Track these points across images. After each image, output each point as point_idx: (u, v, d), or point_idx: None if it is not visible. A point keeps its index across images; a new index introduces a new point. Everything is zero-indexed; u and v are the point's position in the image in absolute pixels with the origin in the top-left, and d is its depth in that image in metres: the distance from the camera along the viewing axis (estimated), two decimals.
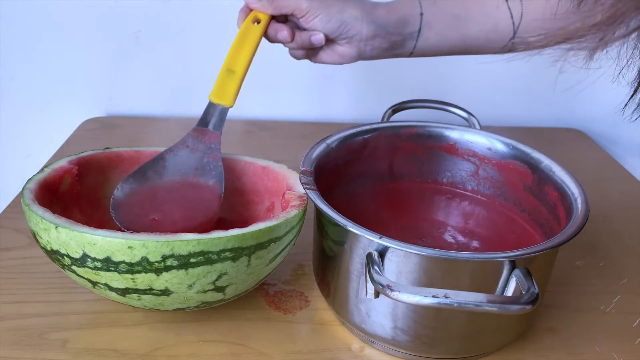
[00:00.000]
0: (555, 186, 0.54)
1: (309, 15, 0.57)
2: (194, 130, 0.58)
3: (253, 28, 0.58)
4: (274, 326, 0.53)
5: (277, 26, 0.59)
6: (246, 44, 0.58)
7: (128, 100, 0.95)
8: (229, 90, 0.57)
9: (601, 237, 0.68)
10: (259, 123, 0.94)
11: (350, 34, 0.58)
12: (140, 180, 0.56)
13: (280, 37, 0.59)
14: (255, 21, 0.58)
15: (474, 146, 0.61)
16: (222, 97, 0.57)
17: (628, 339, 0.53)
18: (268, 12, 0.58)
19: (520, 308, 0.40)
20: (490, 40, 0.60)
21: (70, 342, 0.50)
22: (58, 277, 0.57)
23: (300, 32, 0.59)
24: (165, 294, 0.47)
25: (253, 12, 0.59)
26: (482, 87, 0.96)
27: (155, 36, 0.90)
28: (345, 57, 0.61)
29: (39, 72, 0.91)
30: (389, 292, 0.41)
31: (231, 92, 0.57)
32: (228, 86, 0.57)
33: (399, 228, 0.59)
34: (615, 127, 0.99)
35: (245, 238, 0.46)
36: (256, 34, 0.58)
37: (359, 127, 0.61)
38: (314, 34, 0.58)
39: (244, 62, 0.58)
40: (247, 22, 0.58)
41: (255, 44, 0.58)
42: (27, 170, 0.70)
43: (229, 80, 0.57)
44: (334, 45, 0.60)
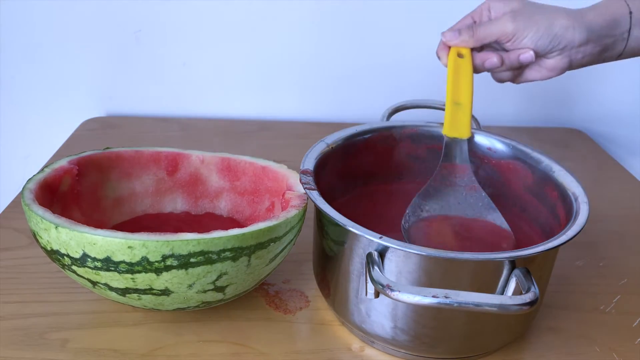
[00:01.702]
0: (555, 186, 0.54)
1: (516, 38, 0.55)
2: (441, 167, 0.57)
3: (461, 62, 0.57)
4: (274, 326, 0.53)
5: (483, 55, 0.57)
6: (461, 76, 0.57)
7: (128, 100, 0.95)
8: (462, 122, 0.57)
9: (601, 237, 0.68)
10: (259, 123, 0.94)
11: (562, 45, 0.56)
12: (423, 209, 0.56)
13: (489, 65, 0.57)
14: (458, 55, 0.57)
15: (474, 146, 0.61)
16: (457, 130, 0.57)
17: (628, 339, 0.53)
18: (470, 46, 0.57)
19: (520, 308, 0.40)
20: None
21: (70, 342, 0.50)
22: (58, 277, 0.57)
23: (507, 54, 0.57)
24: (165, 294, 0.47)
25: (454, 48, 0.57)
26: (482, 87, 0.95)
27: (155, 36, 0.90)
28: (555, 70, 0.58)
29: (39, 72, 0.91)
30: (389, 292, 0.41)
31: (465, 124, 0.57)
32: (459, 118, 0.57)
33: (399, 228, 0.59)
34: (615, 127, 0.99)
35: (245, 238, 0.46)
36: (467, 67, 0.57)
37: (359, 127, 0.61)
38: (522, 52, 0.56)
39: (467, 93, 0.57)
40: (452, 57, 0.57)
41: (470, 76, 0.57)
42: (27, 170, 0.70)
43: (458, 112, 0.57)
44: (542, 60, 0.58)
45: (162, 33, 0.90)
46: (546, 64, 0.58)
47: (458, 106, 0.57)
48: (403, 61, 0.92)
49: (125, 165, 0.60)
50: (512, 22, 0.55)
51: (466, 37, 0.57)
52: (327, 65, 0.93)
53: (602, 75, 0.95)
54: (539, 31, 0.55)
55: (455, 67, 0.57)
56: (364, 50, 0.92)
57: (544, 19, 0.55)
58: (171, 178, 0.61)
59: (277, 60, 0.93)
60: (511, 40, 0.56)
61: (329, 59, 0.93)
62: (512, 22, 0.55)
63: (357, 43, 0.91)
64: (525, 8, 0.56)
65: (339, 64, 0.93)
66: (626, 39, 0.57)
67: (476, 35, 0.56)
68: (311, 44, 0.92)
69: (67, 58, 0.91)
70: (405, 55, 0.92)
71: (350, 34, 0.91)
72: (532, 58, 0.57)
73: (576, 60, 0.58)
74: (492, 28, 0.56)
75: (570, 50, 0.57)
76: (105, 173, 0.59)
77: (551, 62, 0.58)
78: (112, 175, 0.59)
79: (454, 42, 0.57)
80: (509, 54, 0.57)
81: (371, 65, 0.93)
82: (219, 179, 0.62)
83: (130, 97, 0.95)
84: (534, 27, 0.55)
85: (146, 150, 0.60)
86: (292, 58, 0.93)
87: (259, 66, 0.93)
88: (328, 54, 0.92)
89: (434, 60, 0.70)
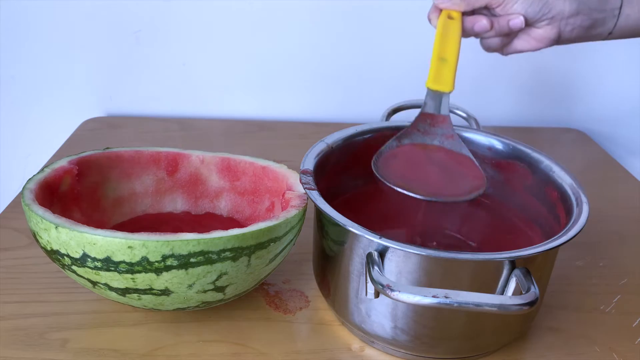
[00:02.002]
0: (555, 186, 0.54)
1: (507, 2, 0.55)
2: (421, 115, 0.57)
3: (451, 23, 0.57)
4: (274, 326, 0.53)
5: (472, 18, 0.57)
6: (450, 36, 0.56)
7: (128, 100, 0.95)
8: (446, 76, 0.56)
9: (601, 237, 0.68)
10: (259, 123, 0.94)
11: (552, 14, 0.55)
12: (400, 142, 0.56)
13: (478, 28, 0.57)
14: (448, 17, 0.57)
15: (474, 146, 0.61)
16: (440, 83, 0.56)
17: (628, 339, 0.53)
18: (461, 9, 0.57)
19: (520, 308, 0.40)
20: None
21: (70, 342, 0.50)
22: (58, 277, 0.57)
23: (497, 18, 0.57)
24: (165, 294, 0.47)
25: (445, 11, 0.57)
26: (482, 87, 0.96)
27: (155, 36, 0.90)
28: (544, 41, 0.58)
29: (39, 72, 0.91)
30: (389, 292, 0.41)
31: (449, 78, 0.56)
32: (443, 73, 0.56)
33: (399, 228, 0.59)
34: (615, 127, 0.99)
35: (245, 238, 0.46)
36: (456, 28, 0.56)
37: (359, 127, 0.61)
38: (512, 17, 0.56)
39: (454, 51, 0.56)
40: (442, 19, 0.57)
41: (458, 36, 0.56)
42: (27, 170, 0.70)
43: (443, 67, 0.56)
44: (531, 29, 0.58)
45: (162, 33, 0.90)
46: (535, 34, 0.58)
47: (443, 61, 0.56)
48: (403, 61, 0.92)
49: (125, 165, 0.60)
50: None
51: (457, 0, 0.56)
52: (327, 65, 0.93)
53: (602, 75, 0.95)
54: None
55: (444, 26, 0.57)
56: (364, 50, 0.92)
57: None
58: (171, 178, 0.61)
59: (277, 60, 0.93)
60: (501, 5, 0.56)
61: (329, 59, 0.93)
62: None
63: (357, 43, 0.91)
64: None
65: (339, 64, 0.93)
66: (617, 16, 0.57)
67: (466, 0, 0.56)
68: (311, 44, 0.92)
69: (67, 58, 0.91)
70: (405, 55, 0.92)
71: (351, 34, 0.91)
72: (522, 24, 0.56)
73: (565, 32, 0.57)
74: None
75: (560, 21, 0.56)
76: (105, 173, 0.59)
77: (540, 32, 0.58)
78: (112, 175, 0.59)
79: (445, 4, 0.57)
80: (499, 19, 0.57)
81: (371, 66, 0.93)
82: (219, 179, 0.62)
83: (130, 97, 0.95)
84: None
85: (146, 150, 0.60)
86: (292, 58, 0.93)
87: (259, 66, 0.93)
88: (328, 54, 0.92)
89: None
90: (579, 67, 0.94)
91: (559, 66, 0.95)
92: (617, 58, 0.94)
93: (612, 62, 0.94)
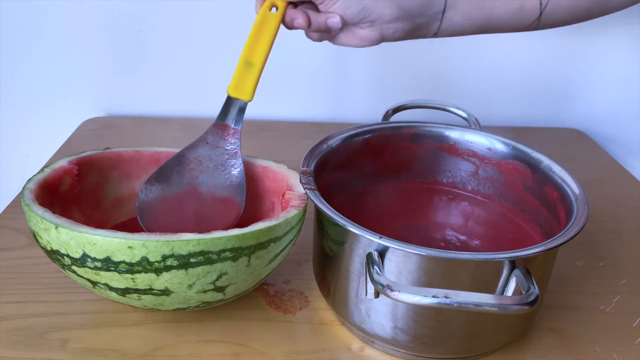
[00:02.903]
0: (555, 186, 0.54)
1: (328, 1, 0.56)
2: (214, 126, 0.57)
3: (271, 16, 0.56)
4: (274, 326, 0.53)
5: (292, 13, 0.57)
6: (264, 34, 0.56)
7: (128, 100, 0.95)
8: (248, 84, 0.56)
9: (601, 237, 0.68)
10: (259, 123, 0.94)
11: (372, 18, 0.56)
12: (162, 181, 0.55)
13: (297, 24, 0.57)
14: (272, 7, 0.56)
15: (474, 146, 0.61)
16: (240, 91, 0.56)
17: (628, 339, 0.53)
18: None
19: (520, 308, 0.40)
20: (515, 20, 0.59)
21: (70, 342, 0.50)
22: (58, 277, 0.57)
23: (316, 15, 0.57)
24: (165, 294, 0.47)
25: None
26: (482, 87, 0.96)
27: (155, 36, 0.90)
28: (366, 41, 0.59)
29: (38, 72, 0.91)
30: (389, 292, 0.41)
31: (250, 86, 0.56)
32: (246, 80, 0.56)
33: (398, 228, 0.59)
34: (615, 127, 0.99)
35: (245, 238, 0.46)
36: (274, 22, 0.56)
37: (359, 127, 0.61)
38: (330, 16, 0.56)
39: (262, 54, 0.56)
40: (264, 9, 0.56)
41: (273, 34, 0.56)
42: (27, 170, 0.70)
43: (248, 73, 0.56)
44: (355, 28, 0.58)
45: (162, 33, 0.90)
46: (358, 33, 0.58)
47: (249, 66, 0.56)
48: (403, 61, 0.92)
49: (125, 165, 0.60)
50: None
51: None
52: (327, 65, 0.93)
53: (602, 76, 0.95)
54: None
55: (262, 20, 0.56)
56: (364, 50, 0.92)
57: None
58: None
59: (277, 61, 0.93)
60: (323, 2, 0.56)
61: (329, 59, 0.93)
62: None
63: None
64: None
65: (339, 64, 0.93)
66: (440, 20, 0.58)
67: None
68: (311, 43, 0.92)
69: (67, 58, 0.91)
70: (405, 55, 0.92)
71: None
72: (338, 24, 0.57)
73: (388, 34, 0.58)
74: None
75: (381, 25, 0.57)
76: (105, 173, 0.59)
77: (363, 32, 0.58)
78: (112, 175, 0.59)
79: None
80: (318, 16, 0.57)
81: (371, 66, 0.93)
82: None
83: (130, 97, 0.95)
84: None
85: (146, 150, 0.60)
86: (292, 58, 0.92)
87: None
88: (328, 54, 0.92)
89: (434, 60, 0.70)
90: (579, 67, 0.94)
91: (559, 66, 0.95)
92: (617, 58, 0.94)
93: (612, 62, 0.94)
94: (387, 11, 0.56)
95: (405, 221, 0.60)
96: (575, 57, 0.93)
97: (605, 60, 0.94)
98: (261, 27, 0.56)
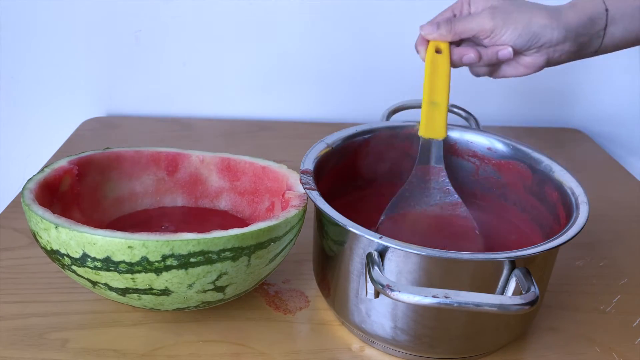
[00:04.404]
0: (555, 186, 0.54)
1: (495, 34, 0.56)
2: (417, 169, 0.58)
3: (439, 58, 0.57)
4: (274, 326, 0.53)
5: (460, 50, 0.57)
6: (438, 74, 0.57)
7: (128, 100, 0.95)
8: (438, 123, 0.57)
9: (601, 237, 0.68)
10: (259, 123, 0.94)
11: (540, 43, 0.56)
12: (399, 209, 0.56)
13: (467, 60, 0.57)
14: (436, 50, 0.57)
15: (474, 146, 0.61)
16: (433, 131, 0.57)
17: (628, 339, 0.53)
18: (448, 40, 0.57)
19: (520, 308, 0.40)
20: None
21: (70, 342, 0.50)
22: (58, 277, 0.57)
23: (485, 49, 0.57)
24: (165, 294, 0.47)
25: (432, 42, 0.57)
26: (482, 87, 0.96)
27: (155, 36, 0.90)
28: (532, 67, 0.59)
29: (38, 72, 0.91)
30: (389, 292, 0.41)
31: (441, 124, 0.57)
32: (436, 118, 0.57)
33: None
34: (615, 127, 0.99)
35: (245, 238, 0.46)
36: (444, 63, 0.57)
37: (359, 127, 0.61)
38: (501, 49, 0.56)
39: (444, 93, 0.57)
40: (429, 53, 0.57)
41: (447, 73, 0.57)
42: (27, 170, 0.70)
43: (435, 112, 0.57)
44: (520, 57, 0.58)
45: (162, 33, 0.90)
46: (524, 61, 0.58)
47: (434, 106, 0.57)
48: (403, 61, 0.92)
49: (125, 165, 0.60)
50: (491, 18, 0.55)
51: (444, 32, 0.56)
52: (327, 65, 0.93)
53: (602, 75, 0.95)
54: (517, 29, 0.55)
55: (432, 64, 0.57)
56: (364, 50, 0.92)
57: (523, 17, 0.55)
58: (171, 178, 0.61)
59: (277, 60, 0.93)
60: (489, 36, 0.56)
61: (329, 59, 0.93)
62: (491, 18, 0.55)
63: (357, 43, 0.91)
64: (504, 4, 0.56)
65: (339, 63, 0.93)
66: (602, 37, 0.58)
67: (454, 30, 0.56)
68: (311, 44, 0.92)
69: (67, 58, 0.91)
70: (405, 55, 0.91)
71: (351, 33, 0.91)
72: (510, 55, 0.57)
73: (554, 58, 0.58)
74: (470, 23, 0.56)
75: (548, 49, 0.57)
76: (105, 173, 0.59)
77: (528, 60, 0.58)
78: (112, 175, 0.59)
79: (432, 35, 0.57)
80: (487, 49, 0.57)
81: (371, 65, 0.93)
82: (219, 179, 0.62)
83: (130, 97, 0.95)
84: (512, 25, 0.55)
85: (146, 150, 0.60)
86: (292, 58, 0.92)
87: (259, 66, 0.93)
88: (328, 53, 0.92)
89: None
90: (579, 67, 0.94)
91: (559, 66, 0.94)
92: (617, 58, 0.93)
93: (612, 62, 0.94)
94: (556, 35, 0.56)
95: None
96: None
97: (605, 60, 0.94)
98: (433, 69, 0.57)
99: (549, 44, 0.56)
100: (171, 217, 0.60)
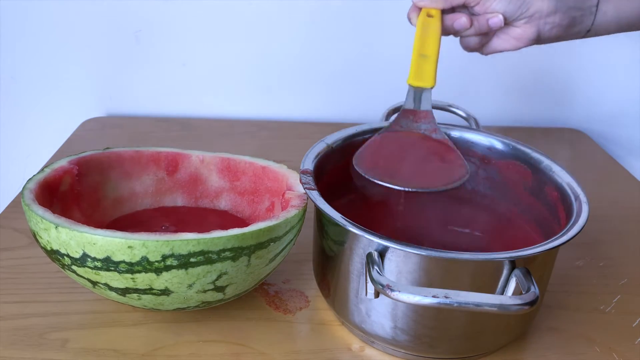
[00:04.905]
0: (555, 186, 0.54)
1: (486, 1, 0.56)
2: (403, 111, 0.58)
3: (430, 21, 0.57)
4: (274, 326, 0.53)
5: (452, 16, 0.57)
6: (430, 33, 0.57)
7: (128, 100, 0.95)
8: (427, 72, 0.57)
9: (601, 237, 0.68)
10: (259, 123, 0.94)
11: (530, 12, 0.56)
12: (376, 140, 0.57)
13: (458, 25, 0.57)
14: (428, 15, 0.57)
15: (474, 146, 0.61)
16: (421, 79, 0.57)
17: (628, 339, 0.53)
18: (439, 7, 0.57)
19: (520, 308, 0.40)
20: None
21: (70, 342, 0.50)
22: (58, 277, 0.57)
23: (476, 17, 0.57)
24: (165, 294, 0.47)
25: (424, 9, 0.58)
26: (482, 87, 0.96)
27: (155, 36, 0.90)
28: (523, 40, 0.58)
29: (39, 72, 0.91)
30: (389, 292, 0.41)
31: (430, 74, 0.57)
32: (425, 69, 0.57)
33: (399, 228, 0.59)
34: (615, 127, 0.99)
35: (245, 238, 0.46)
36: (435, 25, 0.57)
37: (359, 127, 0.61)
38: (491, 16, 0.56)
39: (434, 47, 0.56)
40: (421, 17, 0.57)
41: (438, 32, 0.57)
42: (27, 170, 0.70)
43: (424, 63, 0.57)
44: (510, 28, 0.58)
45: (162, 33, 0.90)
46: (514, 33, 0.58)
47: (424, 58, 0.57)
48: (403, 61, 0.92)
49: (125, 165, 0.60)
50: None
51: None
52: (327, 65, 0.93)
53: (602, 75, 0.95)
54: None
55: (423, 24, 0.57)
56: (364, 50, 0.92)
57: None
58: (171, 178, 0.61)
59: (277, 60, 0.93)
60: (480, 3, 0.56)
61: (329, 58, 0.93)
62: None
63: (357, 43, 0.91)
64: None
65: (339, 63, 0.93)
66: (594, 13, 0.57)
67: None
68: (311, 43, 0.92)
69: (67, 58, 0.91)
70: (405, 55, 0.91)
71: (351, 33, 0.91)
72: (501, 22, 0.57)
73: (544, 31, 0.58)
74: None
75: (538, 20, 0.57)
76: (105, 173, 0.59)
77: (519, 31, 0.58)
78: (112, 175, 0.59)
79: (424, 2, 0.57)
80: (478, 17, 0.57)
81: (371, 65, 0.93)
82: (219, 179, 0.62)
83: (130, 97, 0.95)
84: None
85: (146, 150, 0.60)
86: (292, 58, 0.92)
87: (259, 66, 0.93)
88: (328, 53, 0.92)
89: None
90: (579, 67, 0.94)
91: (559, 66, 0.95)
92: (617, 58, 0.94)
93: (612, 62, 0.94)
94: (546, 4, 0.56)
95: (405, 221, 0.60)
96: (576, 57, 0.93)
97: (605, 60, 0.94)
98: (425, 30, 0.57)
99: (539, 14, 0.56)
100: (171, 217, 0.60)
